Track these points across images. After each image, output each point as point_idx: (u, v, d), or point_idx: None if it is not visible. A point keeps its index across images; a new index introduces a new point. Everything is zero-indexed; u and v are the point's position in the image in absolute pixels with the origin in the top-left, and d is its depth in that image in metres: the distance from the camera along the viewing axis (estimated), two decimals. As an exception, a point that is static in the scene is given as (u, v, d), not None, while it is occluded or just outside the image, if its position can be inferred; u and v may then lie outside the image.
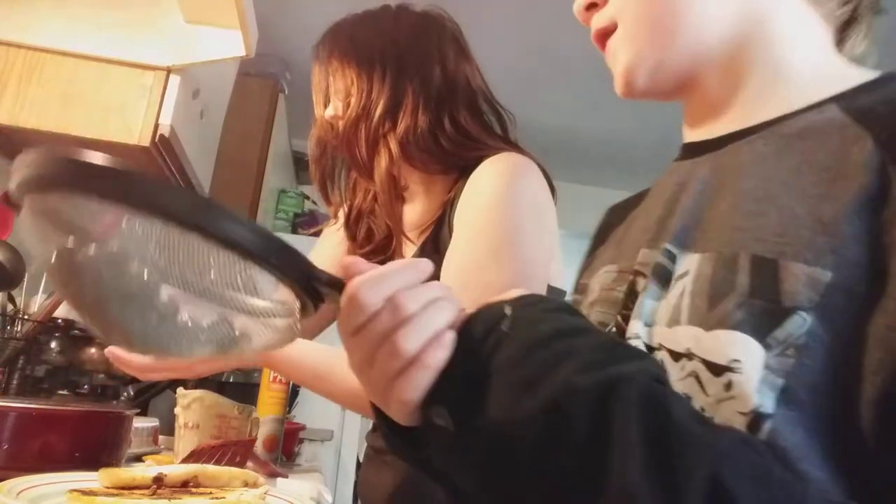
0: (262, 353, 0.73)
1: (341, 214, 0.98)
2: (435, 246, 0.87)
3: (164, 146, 1.07)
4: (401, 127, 0.85)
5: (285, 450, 1.26)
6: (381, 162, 0.86)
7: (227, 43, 1.04)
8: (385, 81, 0.86)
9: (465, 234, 0.81)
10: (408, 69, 0.86)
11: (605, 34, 0.50)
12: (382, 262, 0.99)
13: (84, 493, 0.55)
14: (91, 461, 0.70)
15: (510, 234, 0.79)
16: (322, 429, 2.23)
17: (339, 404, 0.83)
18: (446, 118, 0.87)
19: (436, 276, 0.83)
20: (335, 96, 0.89)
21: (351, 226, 0.97)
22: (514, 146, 0.90)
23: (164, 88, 1.05)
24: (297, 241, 1.08)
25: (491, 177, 0.82)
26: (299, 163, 3.27)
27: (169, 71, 1.05)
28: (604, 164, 3.94)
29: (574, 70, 2.88)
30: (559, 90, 3.08)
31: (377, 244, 0.95)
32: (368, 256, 0.95)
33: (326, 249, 1.05)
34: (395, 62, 0.87)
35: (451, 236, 0.84)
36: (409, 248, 0.91)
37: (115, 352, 0.68)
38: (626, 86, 0.48)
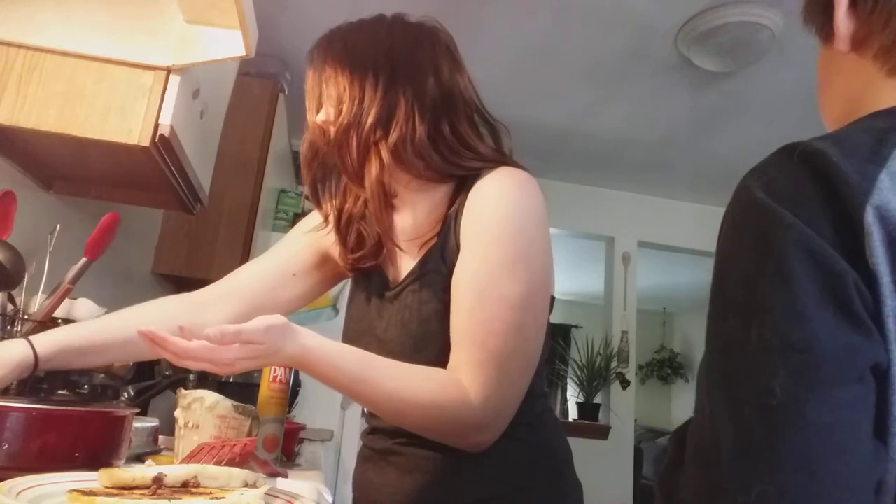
0: (300, 354, 0.72)
1: (331, 218, 0.98)
2: (441, 257, 0.87)
3: (164, 146, 1.07)
4: (393, 136, 0.85)
5: (285, 450, 1.26)
6: (372, 169, 0.86)
7: (227, 43, 1.04)
8: (377, 90, 0.86)
9: (476, 248, 0.82)
10: (400, 79, 0.87)
11: None
12: (374, 268, 1.00)
13: (84, 493, 0.55)
14: (91, 461, 0.70)
15: (522, 247, 0.81)
16: (322, 429, 2.23)
17: (372, 409, 0.83)
18: (446, 127, 0.88)
19: (444, 286, 0.85)
20: (327, 102, 0.90)
21: (342, 230, 0.97)
22: (509, 159, 0.91)
23: (164, 88, 1.05)
24: (297, 241, 1.08)
25: (498, 191, 0.84)
26: (299, 162, 3.26)
27: (169, 71, 1.05)
28: (603, 164, 3.94)
29: (574, 70, 2.88)
30: (559, 90, 3.08)
31: (369, 250, 0.95)
32: (359, 262, 0.96)
33: (292, 249, 1.04)
34: (387, 71, 0.87)
35: (458, 249, 0.85)
36: (402, 257, 0.92)
37: (152, 333, 0.66)
38: None
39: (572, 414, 5.24)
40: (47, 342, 0.84)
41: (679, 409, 7.79)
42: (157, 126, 1.04)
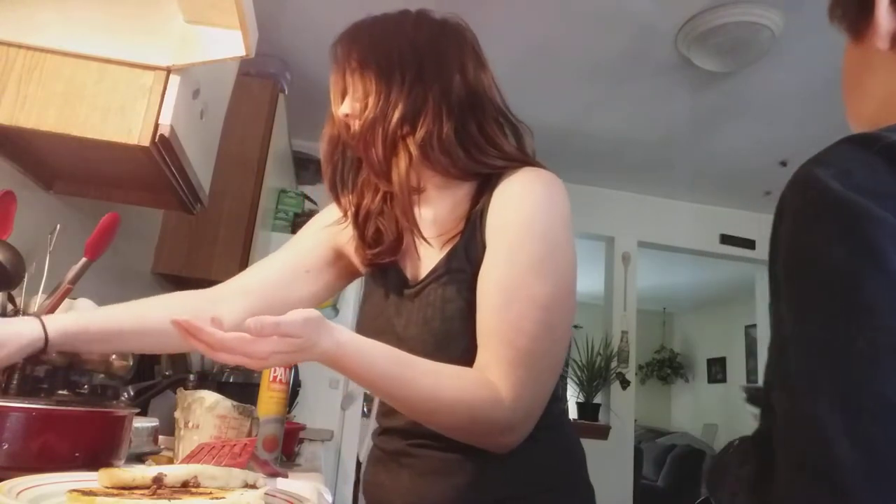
0: (334, 349, 0.69)
1: (349, 214, 0.97)
2: (466, 256, 0.86)
3: (164, 146, 1.07)
4: (421, 132, 0.85)
5: (285, 450, 1.26)
6: (401, 164, 0.86)
7: (227, 43, 1.04)
8: (404, 86, 0.86)
9: (503, 248, 0.82)
10: (427, 75, 0.86)
11: None
12: (391, 264, 0.99)
13: (84, 493, 0.55)
14: (91, 461, 0.70)
15: (549, 248, 0.81)
16: (322, 429, 2.23)
17: (403, 407, 0.80)
18: (473, 125, 0.88)
19: (469, 284, 0.84)
20: (352, 96, 0.89)
21: (360, 226, 0.96)
22: (532, 159, 0.91)
23: (164, 88, 1.05)
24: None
25: (525, 191, 0.84)
26: (299, 163, 3.27)
27: (169, 71, 1.05)
28: (603, 164, 3.94)
29: (574, 70, 2.88)
30: (559, 90, 3.08)
31: (387, 246, 0.94)
32: (378, 257, 0.95)
33: (306, 245, 1.03)
34: (415, 68, 0.86)
35: (483, 248, 0.84)
36: (426, 250, 0.91)
37: (188, 323, 0.63)
38: None
39: (572, 414, 5.25)
40: (60, 324, 0.83)
41: (679, 408, 7.79)
42: (157, 126, 1.04)
